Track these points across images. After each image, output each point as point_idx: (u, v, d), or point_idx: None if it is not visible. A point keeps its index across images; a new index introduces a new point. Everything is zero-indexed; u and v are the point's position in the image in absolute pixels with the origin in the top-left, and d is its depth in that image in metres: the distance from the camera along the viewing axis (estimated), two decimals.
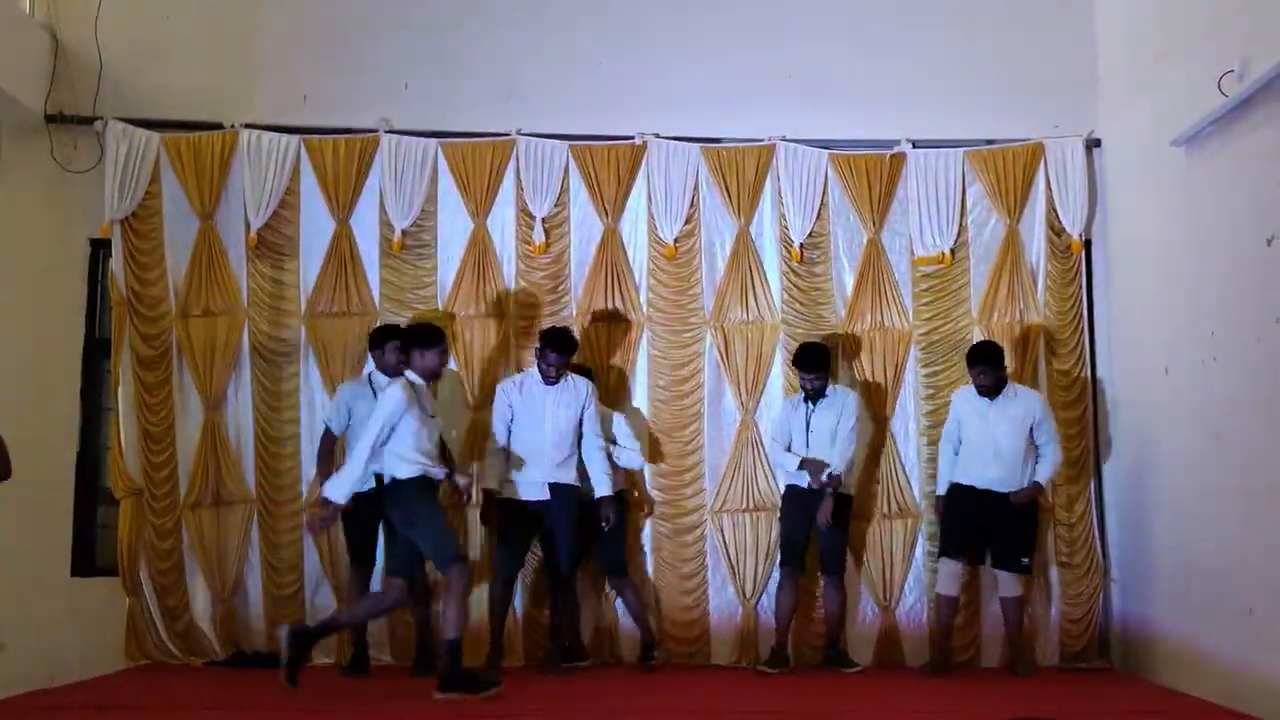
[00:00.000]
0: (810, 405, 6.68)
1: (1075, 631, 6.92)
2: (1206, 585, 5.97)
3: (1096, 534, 7.01)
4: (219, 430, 6.96)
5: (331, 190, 7.10)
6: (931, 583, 6.88)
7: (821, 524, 6.57)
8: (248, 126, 7.10)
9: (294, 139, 7.12)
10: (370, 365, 6.61)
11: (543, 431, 6.48)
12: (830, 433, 6.63)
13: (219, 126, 7.11)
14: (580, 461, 6.55)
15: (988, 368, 6.50)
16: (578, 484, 6.53)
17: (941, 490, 6.72)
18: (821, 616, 6.86)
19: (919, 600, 6.98)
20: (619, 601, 6.87)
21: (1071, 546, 6.98)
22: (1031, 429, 6.55)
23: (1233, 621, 5.68)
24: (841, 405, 6.69)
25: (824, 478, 6.55)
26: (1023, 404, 6.60)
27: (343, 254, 7.08)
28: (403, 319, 6.97)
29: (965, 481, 6.61)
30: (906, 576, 7.01)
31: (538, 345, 6.49)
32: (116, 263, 6.97)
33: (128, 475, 6.88)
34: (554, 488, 6.48)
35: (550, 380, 6.47)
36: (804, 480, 6.63)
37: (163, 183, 7.06)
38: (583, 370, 6.73)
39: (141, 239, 7.01)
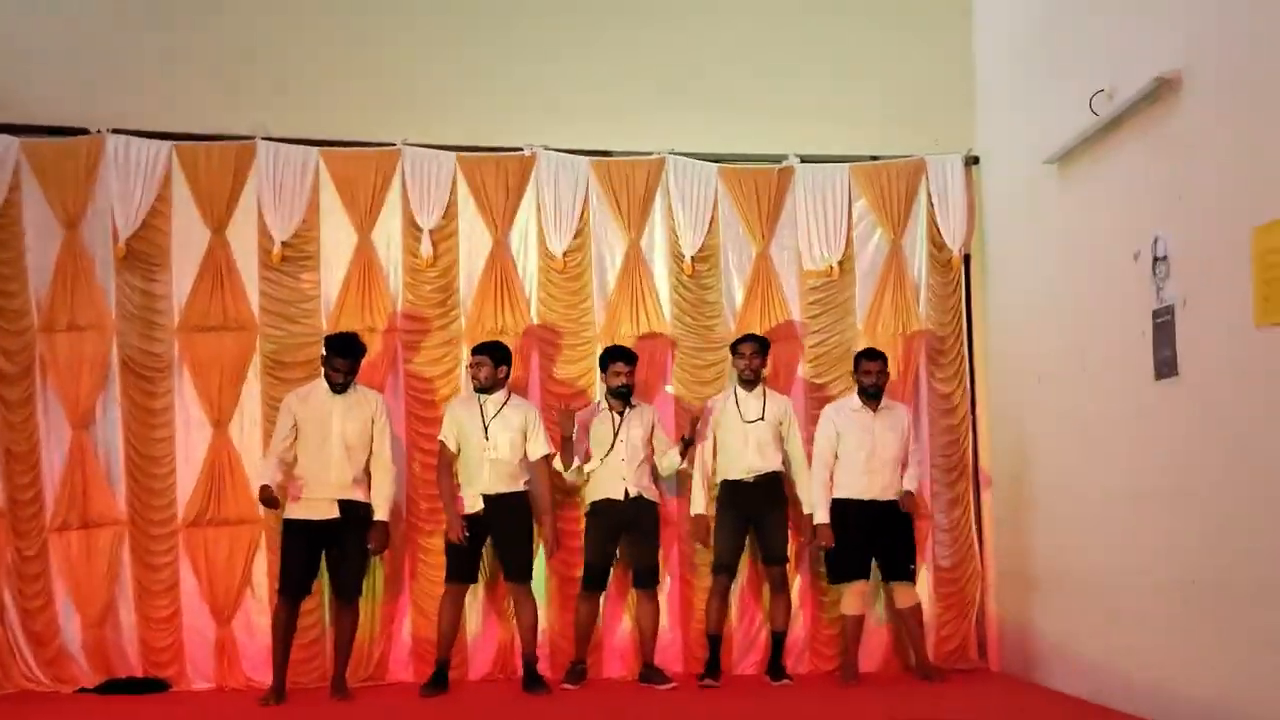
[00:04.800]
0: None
1: (950, 632, 7.09)
2: (1078, 588, 6.21)
3: (976, 538, 7.20)
4: (87, 449, 6.65)
5: (205, 199, 6.83)
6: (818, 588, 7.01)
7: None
8: (115, 132, 6.78)
9: (165, 145, 6.82)
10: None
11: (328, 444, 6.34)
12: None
13: (85, 131, 6.78)
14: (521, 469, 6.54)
15: (883, 365, 6.69)
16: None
17: (824, 515, 6.66)
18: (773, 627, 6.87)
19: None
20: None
21: (950, 550, 7.15)
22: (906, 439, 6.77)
23: (1101, 621, 5.92)
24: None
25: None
26: (899, 414, 6.81)
27: (218, 265, 6.81)
28: (284, 333, 6.79)
29: (849, 496, 6.67)
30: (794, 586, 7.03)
31: (323, 353, 6.39)
32: None
33: None
34: (344, 505, 6.33)
35: (338, 388, 6.35)
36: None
37: (24, 190, 6.67)
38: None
39: (2, 249, 6.64)
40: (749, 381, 6.75)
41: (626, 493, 6.60)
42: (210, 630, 6.69)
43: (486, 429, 6.46)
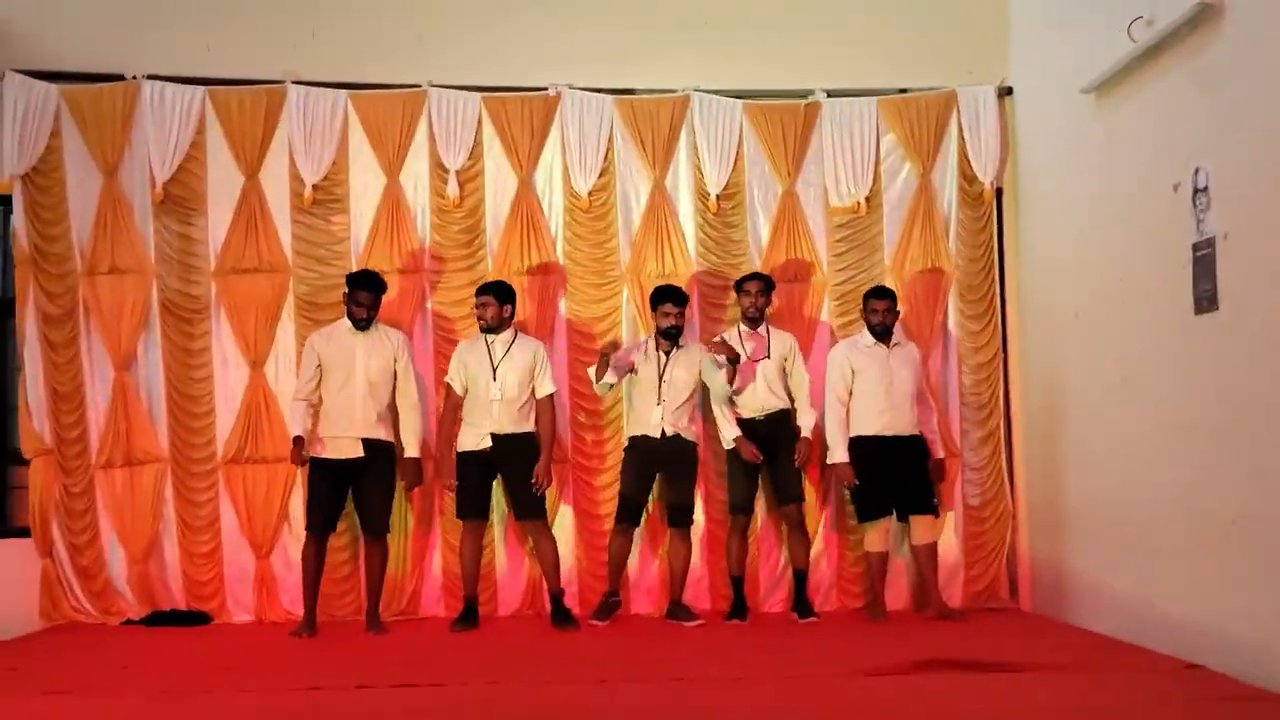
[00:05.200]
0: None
1: (980, 572, 7.05)
2: (1113, 526, 6.13)
3: (1007, 477, 7.13)
4: (129, 389, 6.83)
5: (239, 144, 6.94)
6: (842, 526, 7.02)
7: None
8: (150, 78, 6.90)
9: (198, 90, 6.94)
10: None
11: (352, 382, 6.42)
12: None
13: (120, 78, 6.90)
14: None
15: (894, 305, 6.65)
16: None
17: (843, 454, 6.64)
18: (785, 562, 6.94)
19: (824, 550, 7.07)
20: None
21: (980, 489, 7.09)
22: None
23: (1137, 560, 5.84)
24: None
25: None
26: (912, 350, 6.79)
27: (252, 209, 6.93)
28: (316, 275, 6.89)
29: (868, 433, 6.63)
30: (817, 529, 7.04)
31: (345, 290, 6.48)
32: (18, 219, 6.76)
33: (37, 435, 6.74)
34: (368, 444, 6.41)
35: (361, 324, 6.42)
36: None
37: (64, 137, 6.84)
38: None
39: (44, 194, 6.81)
40: (753, 320, 6.72)
41: (664, 432, 6.61)
42: (250, 564, 6.87)
43: (495, 369, 6.52)
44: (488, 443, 6.50)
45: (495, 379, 6.49)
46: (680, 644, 6.08)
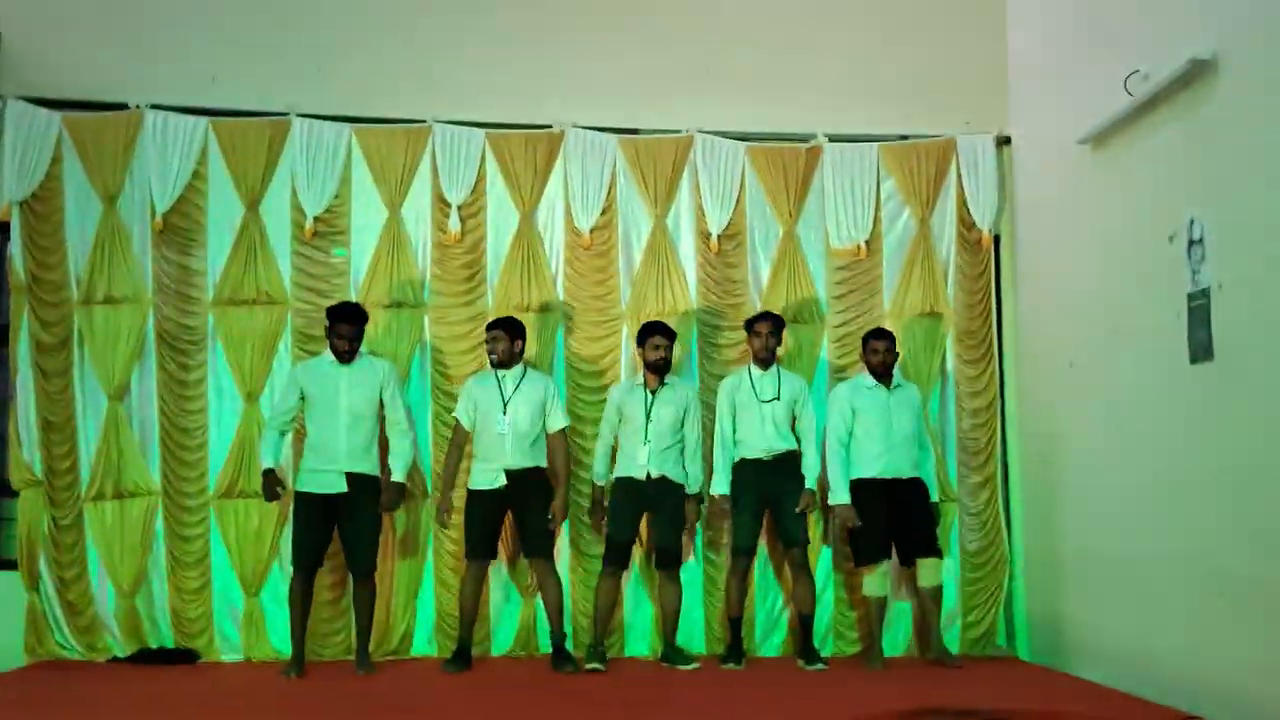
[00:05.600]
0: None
1: (976, 619, 7.02)
2: (1110, 574, 6.14)
3: (1004, 523, 7.13)
4: (122, 420, 6.76)
5: (240, 175, 6.92)
6: (839, 567, 6.98)
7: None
8: (154, 107, 6.90)
9: (202, 121, 6.93)
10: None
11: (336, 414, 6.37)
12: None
13: (124, 107, 6.90)
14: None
15: (891, 344, 6.65)
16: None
17: (845, 495, 6.61)
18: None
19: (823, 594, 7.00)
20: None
21: (978, 534, 7.08)
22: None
23: (1134, 609, 5.85)
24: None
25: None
26: (910, 391, 6.78)
27: (252, 240, 6.90)
28: (315, 308, 6.85)
29: (868, 475, 6.60)
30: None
31: (326, 323, 6.41)
32: (15, 246, 6.72)
33: (26, 466, 6.66)
34: (352, 478, 6.34)
35: (344, 357, 6.37)
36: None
37: (64, 164, 6.81)
38: None
39: (42, 221, 6.77)
40: (764, 360, 6.70)
41: (649, 474, 6.57)
42: (239, 601, 6.77)
43: (506, 404, 6.49)
44: (502, 480, 6.45)
45: (505, 413, 6.46)
46: (677, 690, 6.02)
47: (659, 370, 6.60)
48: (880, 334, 6.72)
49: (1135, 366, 5.86)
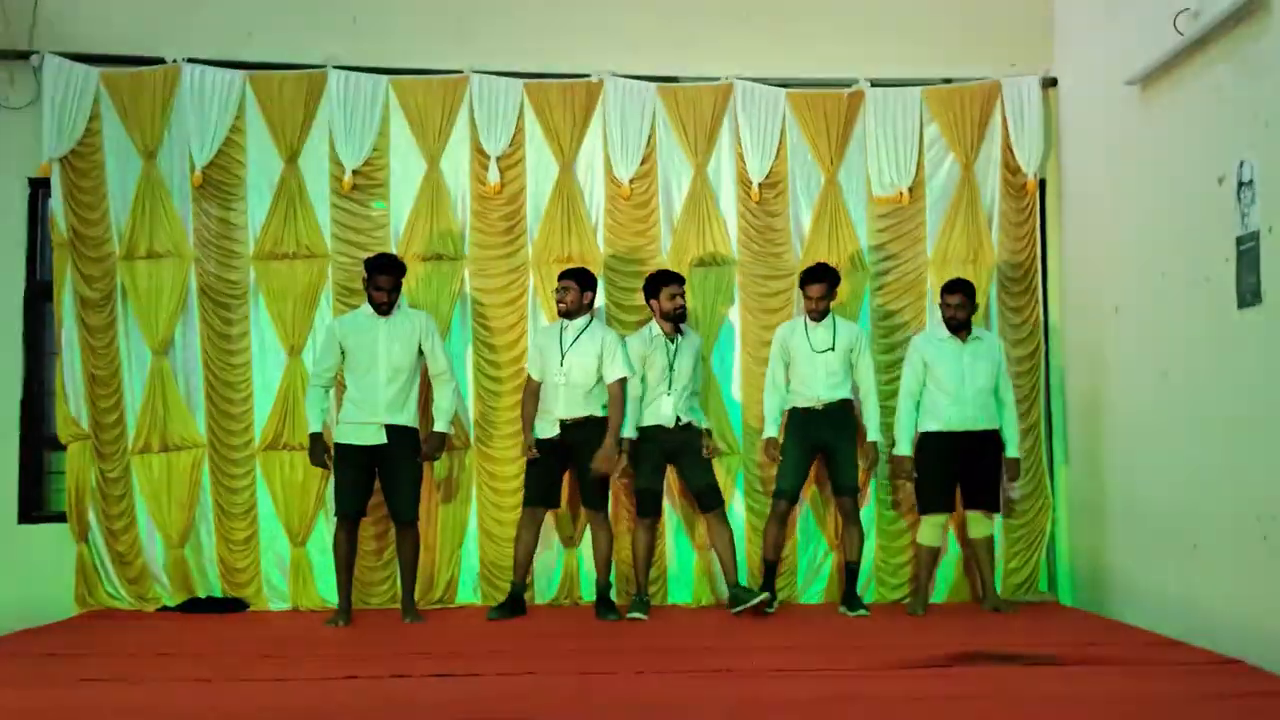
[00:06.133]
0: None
1: (1019, 564, 7.00)
2: (1153, 520, 6.09)
3: (1047, 470, 7.08)
4: (167, 374, 6.82)
5: (279, 128, 6.92)
6: (884, 517, 6.97)
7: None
8: (190, 62, 6.89)
9: (239, 75, 6.93)
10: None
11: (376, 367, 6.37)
12: None
13: (160, 61, 6.90)
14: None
15: (967, 299, 6.53)
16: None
17: (907, 447, 6.61)
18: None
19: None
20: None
21: (1020, 482, 6.97)
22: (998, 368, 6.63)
23: (1178, 555, 5.81)
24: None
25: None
26: (989, 343, 6.66)
27: (291, 194, 6.91)
28: (354, 261, 6.85)
29: (937, 428, 6.55)
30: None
31: (364, 275, 6.42)
32: (56, 203, 6.78)
33: (74, 420, 6.75)
34: (391, 430, 6.37)
35: (382, 309, 6.38)
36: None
37: (103, 120, 6.84)
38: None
39: (82, 178, 6.81)
40: (817, 317, 6.66)
41: (677, 419, 6.58)
42: (286, 551, 6.87)
43: (563, 355, 6.49)
44: (556, 430, 6.49)
45: (562, 365, 6.47)
46: (719, 635, 6.05)
47: (676, 319, 6.59)
48: (953, 287, 6.57)
49: (1183, 311, 5.78)
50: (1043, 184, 7.22)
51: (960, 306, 6.52)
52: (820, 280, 6.62)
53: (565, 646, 5.74)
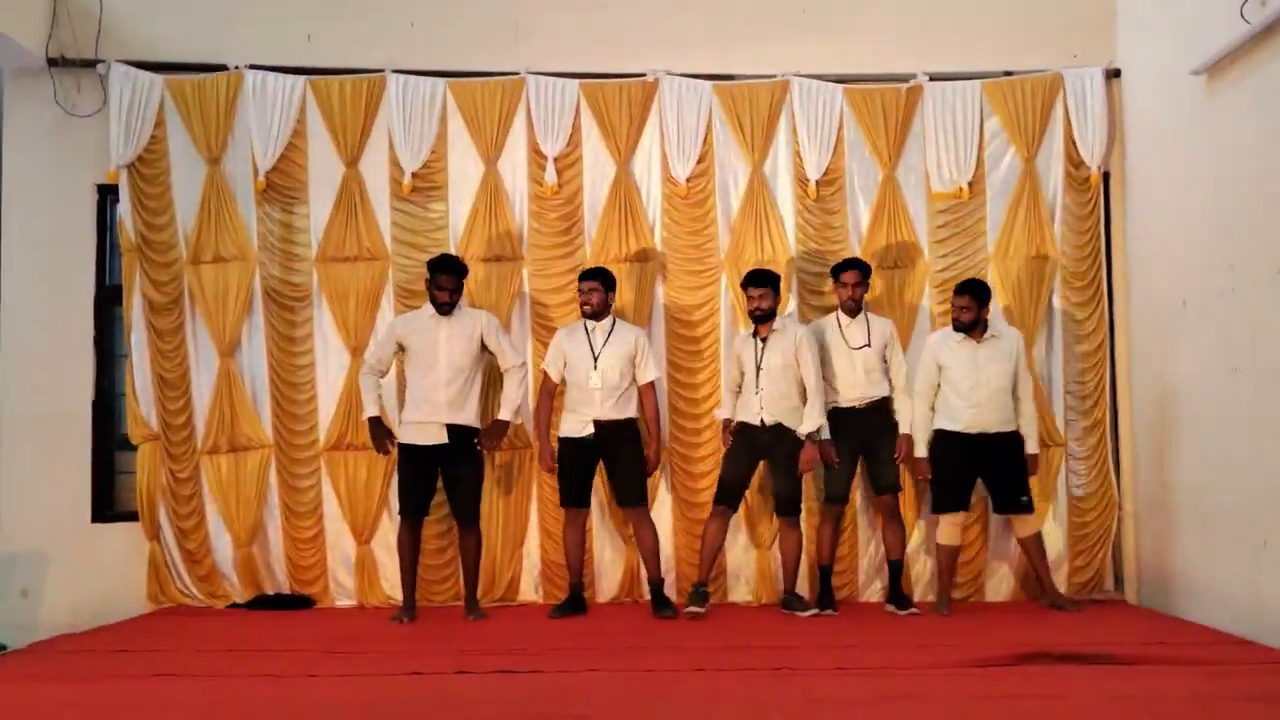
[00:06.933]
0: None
1: (1084, 563, 6.92)
2: (1222, 517, 6.00)
3: (1112, 467, 6.98)
4: (234, 376, 6.94)
5: (339, 132, 7.01)
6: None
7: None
8: (252, 68, 7.00)
9: (299, 80, 7.02)
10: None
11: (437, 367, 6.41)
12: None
13: (223, 68, 7.02)
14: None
15: (973, 302, 6.41)
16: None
17: (923, 449, 6.56)
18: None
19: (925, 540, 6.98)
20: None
21: (1085, 479, 6.95)
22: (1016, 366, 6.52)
23: (1247, 553, 5.72)
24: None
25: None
26: (1005, 342, 6.54)
27: (352, 197, 7.00)
28: (415, 263, 6.91)
29: (953, 428, 6.48)
30: (915, 519, 6.96)
31: (426, 276, 6.45)
32: (124, 208, 6.91)
33: (144, 421, 6.89)
34: (453, 429, 6.41)
35: (444, 308, 6.40)
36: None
37: (168, 126, 6.97)
38: None
39: (149, 184, 6.95)
40: (851, 309, 6.62)
41: (763, 421, 6.52)
42: (351, 549, 6.96)
43: (596, 358, 6.51)
44: (590, 429, 6.50)
45: (596, 367, 6.49)
46: (777, 634, 6.04)
47: (760, 320, 6.55)
48: (962, 289, 6.49)
49: (1252, 305, 5.68)
50: (1107, 177, 7.11)
51: (966, 308, 6.42)
52: (853, 267, 6.60)
53: (626, 644, 5.77)
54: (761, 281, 6.50)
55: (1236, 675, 4.79)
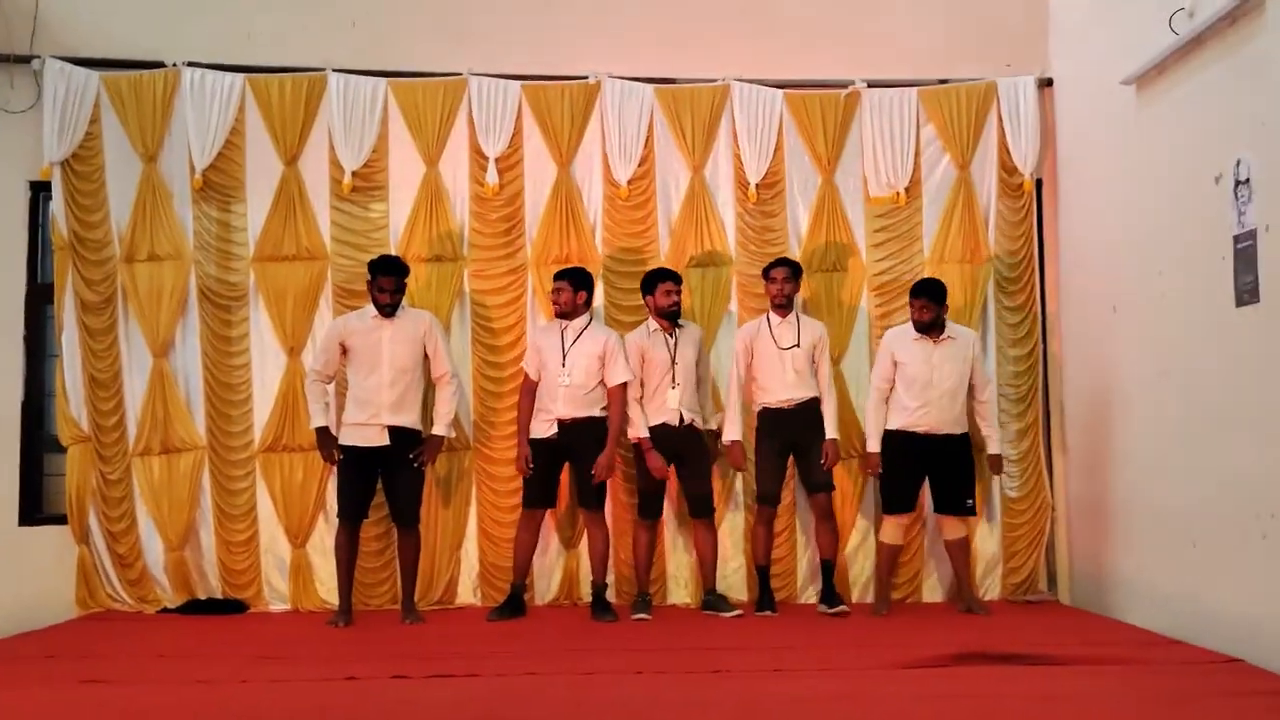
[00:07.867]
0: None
1: (1019, 564, 6.99)
2: (1153, 519, 6.09)
3: (1045, 469, 7.08)
4: (167, 376, 6.84)
5: (278, 131, 6.94)
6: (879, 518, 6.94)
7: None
8: (190, 65, 6.92)
9: (238, 78, 6.95)
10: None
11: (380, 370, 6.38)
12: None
13: (160, 65, 6.93)
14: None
15: (931, 302, 6.45)
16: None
17: (874, 445, 6.60)
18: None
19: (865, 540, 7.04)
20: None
21: (1019, 481, 7.03)
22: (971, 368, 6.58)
23: (1178, 554, 5.80)
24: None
25: None
26: (963, 343, 6.59)
27: (291, 196, 6.93)
28: (354, 263, 6.86)
29: (904, 428, 6.53)
30: (855, 519, 7.03)
31: (368, 277, 6.41)
32: (57, 206, 6.80)
33: (74, 422, 6.76)
34: (395, 431, 6.38)
35: (386, 310, 6.38)
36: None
37: (104, 124, 6.87)
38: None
39: (83, 181, 6.84)
40: (781, 307, 6.65)
41: (681, 418, 6.56)
42: (286, 553, 6.88)
43: (565, 355, 6.50)
44: (554, 430, 6.48)
45: (564, 365, 6.47)
46: (716, 636, 6.05)
47: (672, 316, 6.58)
48: (918, 290, 6.53)
49: (1181, 310, 5.79)
50: (1039, 183, 7.23)
51: (924, 309, 6.46)
52: (782, 264, 6.65)
53: (565, 647, 5.75)
54: (676, 277, 6.61)
55: (1168, 674, 4.86)
